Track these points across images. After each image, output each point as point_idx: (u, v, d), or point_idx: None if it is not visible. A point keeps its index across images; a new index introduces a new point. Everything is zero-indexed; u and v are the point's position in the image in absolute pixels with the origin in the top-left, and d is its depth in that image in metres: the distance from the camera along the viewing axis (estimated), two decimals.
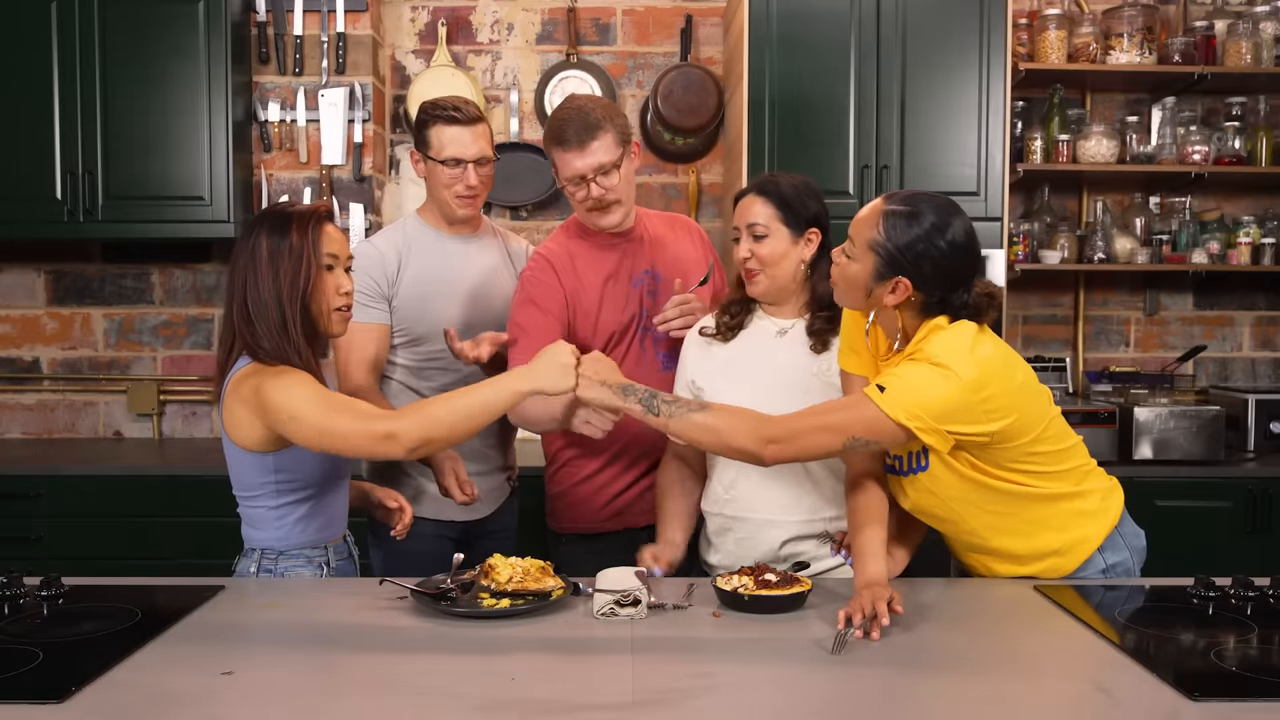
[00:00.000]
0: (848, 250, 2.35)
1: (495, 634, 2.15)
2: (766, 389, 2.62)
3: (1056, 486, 2.41)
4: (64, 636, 2.10)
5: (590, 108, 2.87)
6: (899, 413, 2.21)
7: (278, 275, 2.40)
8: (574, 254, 2.98)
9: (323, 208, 2.52)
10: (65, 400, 4.93)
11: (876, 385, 2.25)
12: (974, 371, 2.22)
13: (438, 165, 3.05)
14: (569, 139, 2.82)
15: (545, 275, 2.94)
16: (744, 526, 2.69)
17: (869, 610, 2.12)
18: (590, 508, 3.03)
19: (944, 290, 2.29)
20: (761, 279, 2.65)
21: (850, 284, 2.35)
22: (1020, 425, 2.29)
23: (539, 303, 2.91)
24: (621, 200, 2.91)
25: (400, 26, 4.91)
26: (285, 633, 2.17)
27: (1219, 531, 4.13)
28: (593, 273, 2.96)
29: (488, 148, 3.09)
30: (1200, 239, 4.70)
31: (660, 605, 2.31)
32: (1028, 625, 2.23)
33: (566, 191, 2.92)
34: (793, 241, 2.63)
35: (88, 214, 4.35)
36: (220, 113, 4.36)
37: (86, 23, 4.32)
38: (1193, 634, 2.18)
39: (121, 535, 4.12)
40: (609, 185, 2.86)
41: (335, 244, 2.48)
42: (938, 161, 4.24)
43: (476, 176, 3.06)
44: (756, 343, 2.72)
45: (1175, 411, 4.25)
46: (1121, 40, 4.52)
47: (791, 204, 2.62)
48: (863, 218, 2.33)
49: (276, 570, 2.54)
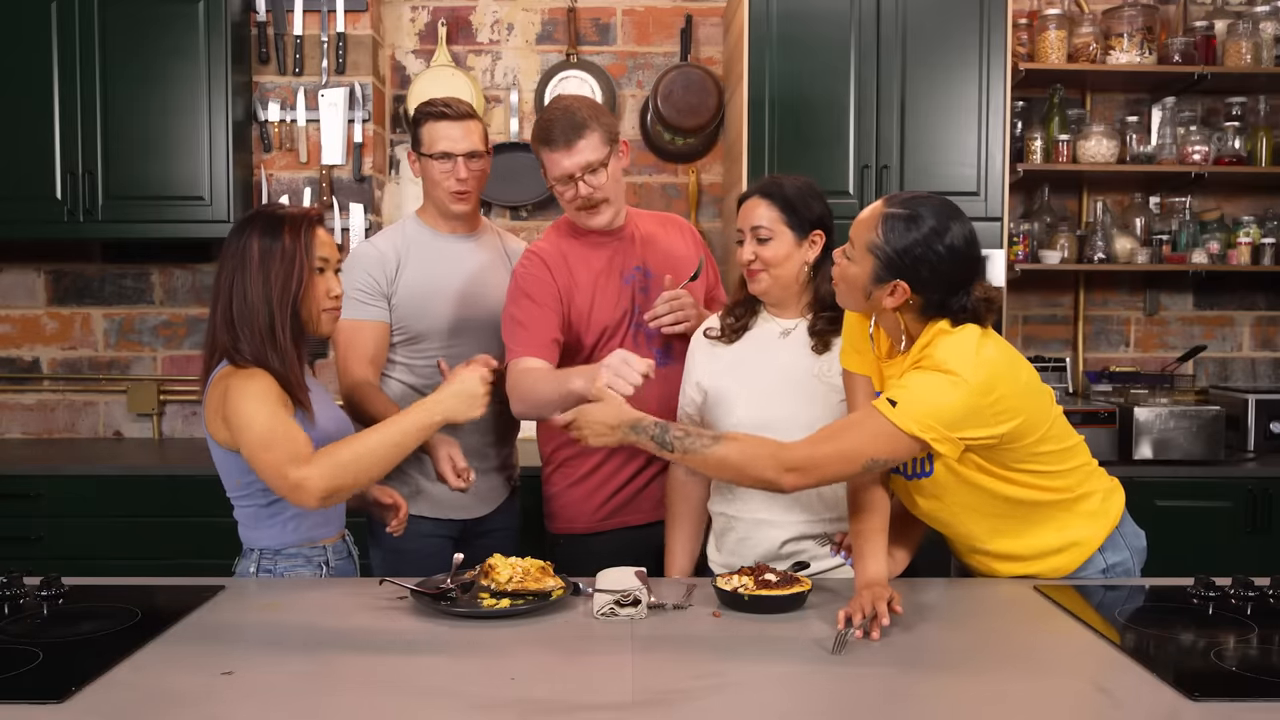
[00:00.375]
0: (848, 252, 2.35)
1: (495, 634, 2.15)
2: (769, 390, 2.64)
3: (1059, 486, 2.41)
4: (64, 636, 2.10)
5: (576, 107, 2.89)
6: (912, 425, 2.20)
7: (269, 278, 2.42)
8: (565, 251, 2.98)
9: (314, 211, 2.54)
10: (65, 400, 4.93)
11: (887, 399, 2.23)
12: (982, 374, 2.21)
13: (430, 161, 3.11)
14: (555, 139, 2.85)
15: (538, 271, 2.94)
16: (744, 526, 2.69)
17: (869, 610, 2.13)
18: (586, 508, 3.03)
19: (942, 294, 2.28)
20: (764, 278, 2.65)
21: (850, 286, 2.35)
22: (1027, 425, 2.29)
23: (534, 296, 2.91)
24: (610, 199, 2.93)
25: (400, 26, 4.91)
26: (285, 633, 2.16)
27: (1219, 531, 4.13)
28: (584, 269, 2.97)
29: (479, 143, 3.14)
30: (1200, 239, 4.70)
31: (660, 605, 2.31)
32: (1028, 625, 2.23)
33: (555, 191, 2.94)
34: (796, 244, 2.63)
35: (88, 214, 4.35)
36: (220, 113, 4.36)
37: (86, 23, 4.32)
38: (1193, 634, 2.18)
39: (122, 535, 4.12)
40: (596, 184, 2.88)
41: (326, 247, 2.51)
42: (938, 161, 4.24)
43: (467, 170, 3.10)
44: (760, 344, 2.72)
45: (1175, 411, 4.25)
46: (1121, 40, 4.52)
47: (795, 206, 2.62)
48: (863, 220, 2.33)
49: (276, 570, 2.55)
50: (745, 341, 2.74)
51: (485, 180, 3.21)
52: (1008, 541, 2.47)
